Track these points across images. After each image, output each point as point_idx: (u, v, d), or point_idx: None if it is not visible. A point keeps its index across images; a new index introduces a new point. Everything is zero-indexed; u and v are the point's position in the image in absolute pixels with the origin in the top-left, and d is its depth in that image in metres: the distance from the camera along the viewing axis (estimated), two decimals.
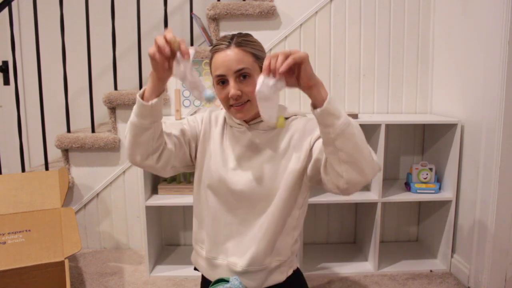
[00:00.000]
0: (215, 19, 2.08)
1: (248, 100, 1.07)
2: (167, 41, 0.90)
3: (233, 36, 1.10)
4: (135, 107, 1.02)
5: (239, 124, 1.16)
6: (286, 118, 1.16)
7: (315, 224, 2.25)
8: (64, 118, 2.19)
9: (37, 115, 2.47)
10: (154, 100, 0.99)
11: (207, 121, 1.22)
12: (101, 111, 2.36)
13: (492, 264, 1.69)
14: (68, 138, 2.09)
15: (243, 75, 1.06)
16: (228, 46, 1.07)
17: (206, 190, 1.18)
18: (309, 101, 0.95)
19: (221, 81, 1.07)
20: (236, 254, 1.14)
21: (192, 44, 2.20)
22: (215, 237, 1.17)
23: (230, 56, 1.06)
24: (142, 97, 1.01)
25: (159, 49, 0.90)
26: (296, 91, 2.13)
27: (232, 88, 1.05)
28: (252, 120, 1.15)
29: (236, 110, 1.09)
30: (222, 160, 1.15)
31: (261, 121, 1.14)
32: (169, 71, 0.95)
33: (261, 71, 1.04)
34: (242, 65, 1.05)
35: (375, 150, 1.91)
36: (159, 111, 1.03)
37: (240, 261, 1.13)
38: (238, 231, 1.14)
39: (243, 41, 1.08)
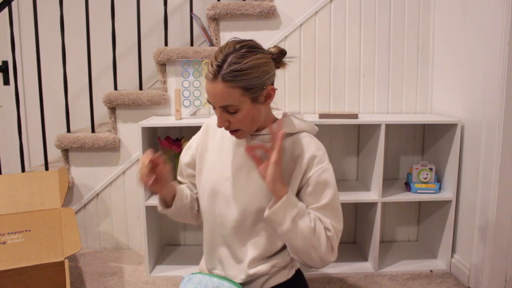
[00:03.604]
0: (215, 19, 2.08)
1: (238, 129, 1.05)
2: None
3: (223, 62, 0.97)
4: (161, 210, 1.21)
5: None
6: (292, 134, 1.11)
7: None
8: (64, 118, 2.19)
9: (37, 115, 2.48)
10: (171, 208, 1.18)
11: (202, 137, 1.21)
12: (101, 111, 2.36)
13: (492, 264, 1.69)
14: (68, 138, 2.09)
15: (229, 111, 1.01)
16: (215, 78, 0.97)
17: (203, 199, 1.18)
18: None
19: (213, 106, 1.05)
20: (233, 267, 1.13)
21: (192, 44, 2.21)
22: (212, 248, 1.18)
23: (215, 90, 0.98)
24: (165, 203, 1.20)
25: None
26: (296, 90, 2.14)
27: (218, 120, 1.03)
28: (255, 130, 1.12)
29: (230, 133, 1.08)
30: (220, 170, 1.13)
31: (264, 134, 1.10)
32: (160, 183, 1.10)
33: (252, 101, 1.01)
34: (227, 102, 0.99)
35: (375, 150, 1.91)
36: (180, 205, 1.19)
37: (238, 274, 1.13)
38: (233, 243, 1.13)
39: (231, 74, 0.96)
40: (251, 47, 1.00)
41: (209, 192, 1.15)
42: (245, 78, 0.97)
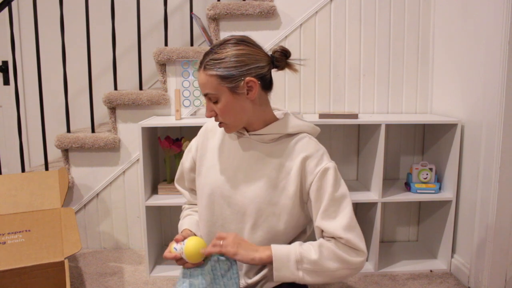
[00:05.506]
0: (215, 19, 2.08)
1: (223, 122, 1.08)
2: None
3: (208, 53, 1.05)
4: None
5: (240, 132, 1.13)
6: (291, 135, 1.12)
7: None
8: (64, 118, 2.19)
9: (37, 115, 2.48)
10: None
11: (202, 139, 1.22)
12: (101, 111, 2.36)
13: (492, 264, 1.69)
14: (68, 138, 2.09)
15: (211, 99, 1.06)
16: (199, 68, 1.05)
17: (202, 202, 1.17)
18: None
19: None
20: None
21: (192, 44, 2.21)
22: None
23: (199, 79, 1.05)
24: None
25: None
26: (296, 90, 2.14)
27: (206, 109, 1.08)
28: (253, 130, 1.12)
29: (219, 125, 1.10)
30: (219, 171, 1.13)
31: (263, 134, 1.11)
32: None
33: (230, 91, 1.03)
34: (206, 90, 1.04)
35: (375, 150, 1.91)
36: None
37: (239, 279, 1.13)
38: None
39: (209, 62, 1.03)
40: (238, 40, 1.04)
41: (208, 194, 1.14)
42: (221, 66, 1.01)
